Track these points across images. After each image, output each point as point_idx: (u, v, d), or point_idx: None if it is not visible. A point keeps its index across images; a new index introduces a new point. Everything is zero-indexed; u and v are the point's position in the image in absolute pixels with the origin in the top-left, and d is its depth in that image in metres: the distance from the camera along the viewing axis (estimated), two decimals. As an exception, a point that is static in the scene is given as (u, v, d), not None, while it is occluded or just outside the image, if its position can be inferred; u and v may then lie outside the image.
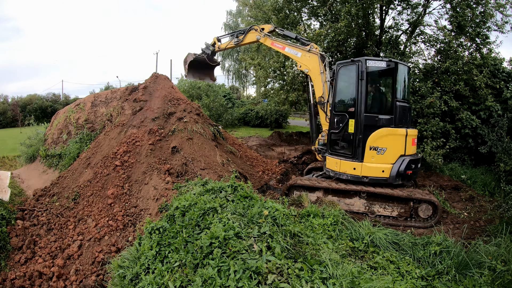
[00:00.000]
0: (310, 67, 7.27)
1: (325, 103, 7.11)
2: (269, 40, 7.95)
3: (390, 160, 5.97)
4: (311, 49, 7.32)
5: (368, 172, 6.02)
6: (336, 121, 6.42)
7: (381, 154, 5.95)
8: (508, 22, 9.23)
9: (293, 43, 7.74)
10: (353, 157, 6.14)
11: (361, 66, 5.96)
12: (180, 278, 2.99)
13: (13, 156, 13.53)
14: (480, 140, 9.22)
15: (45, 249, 5.00)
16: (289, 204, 5.80)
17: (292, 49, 7.61)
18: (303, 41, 7.64)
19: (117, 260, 3.84)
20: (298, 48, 7.52)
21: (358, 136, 6.03)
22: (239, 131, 19.16)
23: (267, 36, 7.95)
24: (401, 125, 6.04)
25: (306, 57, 7.35)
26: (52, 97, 39.83)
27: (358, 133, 6.02)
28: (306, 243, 3.43)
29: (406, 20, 10.53)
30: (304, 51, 7.38)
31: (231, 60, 37.61)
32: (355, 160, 6.11)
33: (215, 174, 6.25)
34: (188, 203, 4.08)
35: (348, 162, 6.19)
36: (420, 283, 3.67)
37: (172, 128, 7.01)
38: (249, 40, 8.31)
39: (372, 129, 5.94)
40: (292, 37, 7.90)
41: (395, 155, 5.98)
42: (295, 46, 7.57)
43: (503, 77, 9.70)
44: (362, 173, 6.04)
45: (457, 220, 6.06)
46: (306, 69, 7.35)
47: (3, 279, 4.47)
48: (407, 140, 5.99)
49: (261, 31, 8.03)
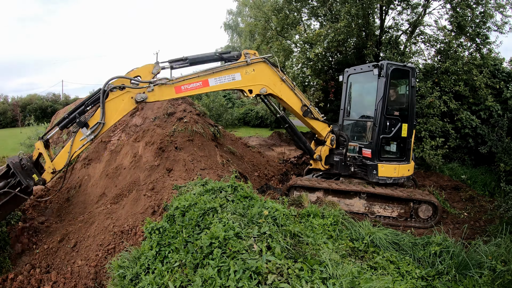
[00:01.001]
0: (265, 83, 5.50)
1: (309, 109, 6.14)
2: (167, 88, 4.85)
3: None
4: (251, 60, 5.30)
5: (412, 171, 6.51)
6: (388, 125, 6.22)
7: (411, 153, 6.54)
8: (508, 23, 9.25)
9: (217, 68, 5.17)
10: (405, 160, 6.38)
11: (413, 73, 6.22)
12: (180, 278, 2.99)
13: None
14: (480, 140, 9.23)
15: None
16: (289, 204, 5.80)
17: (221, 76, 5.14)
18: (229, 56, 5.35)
19: (117, 260, 3.84)
20: (230, 70, 5.22)
21: (409, 139, 6.31)
22: (239, 131, 19.15)
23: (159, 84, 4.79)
24: None
25: (250, 74, 5.31)
26: (52, 97, 39.85)
27: (409, 136, 6.29)
28: (306, 243, 3.43)
29: (406, 20, 10.56)
30: (242, 68, 5.28)
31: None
32: (406, 163, 6.37)
33: (215, 174, 6.25)
34: (188, 203, 4.08)
35: (405, 165, 6.35)
36: (420, 283, 3.67)
37: (172, 128, 7.01)
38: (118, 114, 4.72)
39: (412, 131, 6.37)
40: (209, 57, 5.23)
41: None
42: (224, 69, 5.19)
43: (503, 77, 9.71)
44: (410, 172, 6.42)
45: (457, 220, 6.07)
46: (263, 88, 5.49)
47: (3, 279, 4.47)
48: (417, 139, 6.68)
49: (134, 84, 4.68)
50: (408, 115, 6.26)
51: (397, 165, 6.23)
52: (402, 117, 6.25)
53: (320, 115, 6.61)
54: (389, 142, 6.33)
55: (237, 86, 5.37)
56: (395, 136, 6.24)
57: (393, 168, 6.22)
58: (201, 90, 5.12)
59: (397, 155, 6.37)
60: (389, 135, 6.24)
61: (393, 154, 6.39)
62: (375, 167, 6.13)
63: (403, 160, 6.32)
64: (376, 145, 6.14)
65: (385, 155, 6.31)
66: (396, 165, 6.23)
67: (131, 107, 4.83)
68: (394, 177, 6.21)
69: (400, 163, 6.27)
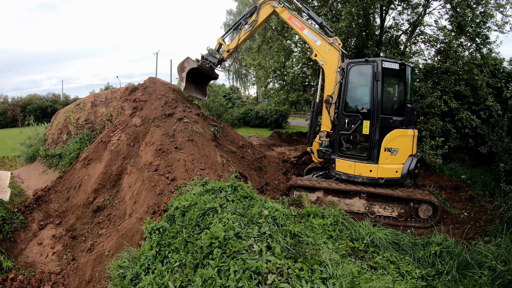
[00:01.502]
0: (327, 60, 6.82)
1: (332, 103, 6.81)
2: (287, 12, 7.18)
3: (401, 161, 6.01)
4: (334, 43, 6.76)
5: (384, 174, 5.99)
6: (347, 122, 6.20)
7: (394, 155, 5.96)
8: (508, 22, 9.24)
9: (314, 28, 7.09)
10: (369, 159, 6.03)
11: (376, 66, 5.86)
12: (180, 278, 2.99)
13: (13, 156, 13.53)
14: (480, 140, 9.21)
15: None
16: (289, 204, 5.80)
17: (312, 33, 6.91)
18: (327, 31, 7.05)
19: (117, 260, 3.84)
20: (319, 36, 6.88)
21: (374, 137, 5.92)
22: (239, 131, 19.14)
23: (285, 7, 7.19)
24: (410, 126, 6.13)
25: (326, 49, 6.80)
26: (52, 97, 39.88)
27: (373, 134, 5.92)
28: (306, 243, 3.43)
29: (406, 20, 10.55)
30: (325, 41, 6.81)
31: (231, 60, 37.61)
32: (370, 162, 6.00)
33: (215, 174, 6.25)
34: (188, 203, 4.08)
35: (364, 164, 6.04)
36: (420, 283, 3.67)
37: (173, 128, 7.01)
38: (264, 15, 7.48)
39: (387, 130, 5.92)
40: (317, 21, 7.20)
41: (405, 155, 6.03)
42: (317, 33, 6.93)
43: (503, 77, 9.70)
44: (378, 174, 5.99)
45: (457, 220, 6.06)
46: (322, 61, 6.84)
47: (3, 279, 4.47)
48: (414, 140, 6.09)
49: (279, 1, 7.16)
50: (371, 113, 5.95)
51: (353, 163, 6.12)
52: (364, 115, 6.06)
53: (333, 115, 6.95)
54: (349, 139, 6.30)
55: (313, 46, 7.08)
56: (355, 133, 6.17)
57: (348, 165, 6.21)
58: (297, 29, 7.24)
59: (357, 153, 6.22)
60: (348, 132, 6.21)
61: (354, 151, 6.30)
62: (333, 161, 6.49)
63: (366, 159, 6.05)
64: (336, 141, 6.42)
65: (344, 151, 6.39)
66: (351, 162, 6.15)
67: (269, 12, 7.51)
68: (350, 174, 6.16)
69: (362, 161, 6.06)
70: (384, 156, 5.94)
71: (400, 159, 6.00)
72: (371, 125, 5.93)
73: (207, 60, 7.93)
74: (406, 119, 6.02)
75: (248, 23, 7.60)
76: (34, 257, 5.28)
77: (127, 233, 4.71)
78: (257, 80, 15.96)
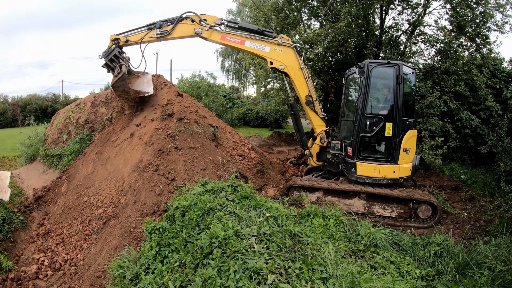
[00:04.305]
0: (285, 63, 6.41)
1: (313, 101, 6.61)
2: (217, 33, 6.46)
3: (411, 159, 6.26)
4: (282, 42, 6.33)
5: (403, 173, 6.17)
6: (369, 124, 6.12)
7: (408, 155, 6.16)
8: (508, 22, 9.24)
9: (255, 36, 6.48)
10: (391, 161, 6.12)
11: (399, 70, 5.98)
12: (180, 278, 2.99)
13: (13, 156, 13.54)
14: (480, 140, 9.22)
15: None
16: (289, 204, 5.80)
17: (256, 43, 6.33)
18: (268, 34, 6.52)
19: (117, 260, 3.84)
20: (264, 42, 6.37)
21: (395, 139, 6.07)
22: (239, 131, 19.13)
23: (212, 29, 6.44)
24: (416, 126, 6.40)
25: (278, 51, 6.34)
26: (52, 97, 39.87)
27: (395, 136, 6.06)
28: (306, 243, 3.43)
29: (406, 20, 10.55)
30: (273, 44, 6.38)
31: (231, 60, 37.65)
32: (393, 163, 6.11)
33: (215, 174, 6.25)
34: (188, 203, 4.08)
35: (388, 166, 6.10)
36: (420, 283, 3.67)
37: (173, 128, 7.01)
38: (181, 33, 6.60)
39: (404, 132, 6.10)
40: (253, 29, 6.52)
41: (413, 154, 6.31)
42: (260, 39, 6.41)
43: (503, 77, 9.70)
44: (400, 174, 6.14)
45: (457, 220, 6.06)
46: (281, 66, 6.41)
47: (3, 279, 4.47)
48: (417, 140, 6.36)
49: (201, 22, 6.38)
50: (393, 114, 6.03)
51: (378, 165, 6.11)
52: (386, 116, 6.12)
53: (321, 112, 6.88)
54: (370, 142, 6.27)
55: (263, 55, 6.51)
56: (377, 135, 6.16)
57: (373, 168, 6.13)
58: (237, 45, 6.52)
59: (380, 156, 6.23)
60: (370, 134, 6.16)
61: (377, 153, 6.28)
62: (353, 165, 6.21)
63: (388, 161, 6.11)
64: (356, 144, 6.19)
65: (366, 154, 6.24)
66: (376, 165, 6.12)
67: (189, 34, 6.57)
68: (375, 177, 6.11)
69: (385, 163, 6.10)
70: (402, 156, 6.14)
71: (411, 158, 6.27)
72: (393, 127, 6.05)
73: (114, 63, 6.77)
74: (415, 120, 6.34)
75: (161, 29, 6.57)
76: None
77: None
78: (257, 80, 15.96)
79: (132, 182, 5.85)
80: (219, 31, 6.48)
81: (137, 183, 5.75)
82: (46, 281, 4.66)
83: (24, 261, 5.09)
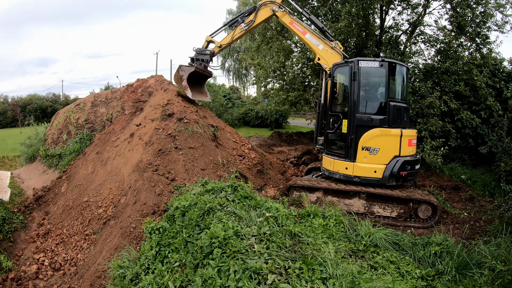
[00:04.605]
0: (330, 64, 6.93)
1: None
2: (288, 17, 7.25)
3: (383, 161, 5.97)
4: (335, 47, 6.98)
5: (360, 172, 6.06)
6: (332, 121, 6.51)
7: (373, 155, 5.98)
8: (508, 22, 9.24)
9: (315, 32, 7.21)
10: (346, 157, 6.23)
11: (353, 67, 6.05)
12: (180, 278, 2.99)
13: (13, 156, 13.54)
14: (480, 140, 9.21)
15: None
16: (289, 204, 5.80)
17: (314, 38, 7.09)
18: (328, 35, 7.24)
19: (117, 260, 3.84)
20: (321, 40, 7.08)
21: (350, 136, 6.09)
22: (239, 131, 19.14)
23: (286, 11, 7.28)
24: (395, 125, 5.99)
25: (328, 53, 6.98)
26: (52, 97, 39.90)
27: (350, 133, 6.09)
28: (306, 243, 3.43)
29: (406, 20, 10.54)
30: (327, 45, 7.02)
31: (231, 60, 37.67)
32: (347, 160, 6.20)
33: (215, 174, 6.25)
34: (188, 203, 4.08)
35: (341, 162, 6.28)
36: (420, 283, 3.67)
37: (173, 128, 7.01)
38: (263, 17, 7.49)
39: (365, 129, 5.99)
40: (318, 26, 7.31)
41: (388, 156, 5.97)
42: (318, 37, 7.12)
43: (503, 77, 9.69)
44: (354, 172, 6.10)
45: (457, 220, 6.06)
46: (325, 65, 6.99)
47: (3, 279, 4.47)
48: (402, 140, 5.94)
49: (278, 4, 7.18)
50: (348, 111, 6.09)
51: (333, 160, 6.44)
52: (343, 114, 6.28)
53: None
54: (334, 138, 6.59)
55: (315, 50, 7.18)
56: (337, 131, 6.44)
57: (329, 162, 6.56)
58: (299, 33, 7.30)
59: (338, 151, 6.49)
60: (332, 130, 6.52)
61: (336, 149, 6.58)
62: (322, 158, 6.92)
63: (344, 157, 6.27)
64: (325, 140, 6.83)
65: (330, 149, 6.74)
66: (332, 159, 6.48)
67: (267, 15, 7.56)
68: (330, 171, 6.52)
69: (340, 159, 6.31)
70: (362, 155, 6.08)
71: (381, 159, 5.96)
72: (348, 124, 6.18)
73: (199, 59, 7.83)
74: (388, 118, 5.95)
75: (245, 22, 7.56)
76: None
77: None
78: (257, 80, 15.96)
79: (132, 182, 5.86)
80: (291, 16, 7.30)
81: (137, 183, 5.75)
82: (46, 281, 4.67)
83: (24, 261, 5.09)
